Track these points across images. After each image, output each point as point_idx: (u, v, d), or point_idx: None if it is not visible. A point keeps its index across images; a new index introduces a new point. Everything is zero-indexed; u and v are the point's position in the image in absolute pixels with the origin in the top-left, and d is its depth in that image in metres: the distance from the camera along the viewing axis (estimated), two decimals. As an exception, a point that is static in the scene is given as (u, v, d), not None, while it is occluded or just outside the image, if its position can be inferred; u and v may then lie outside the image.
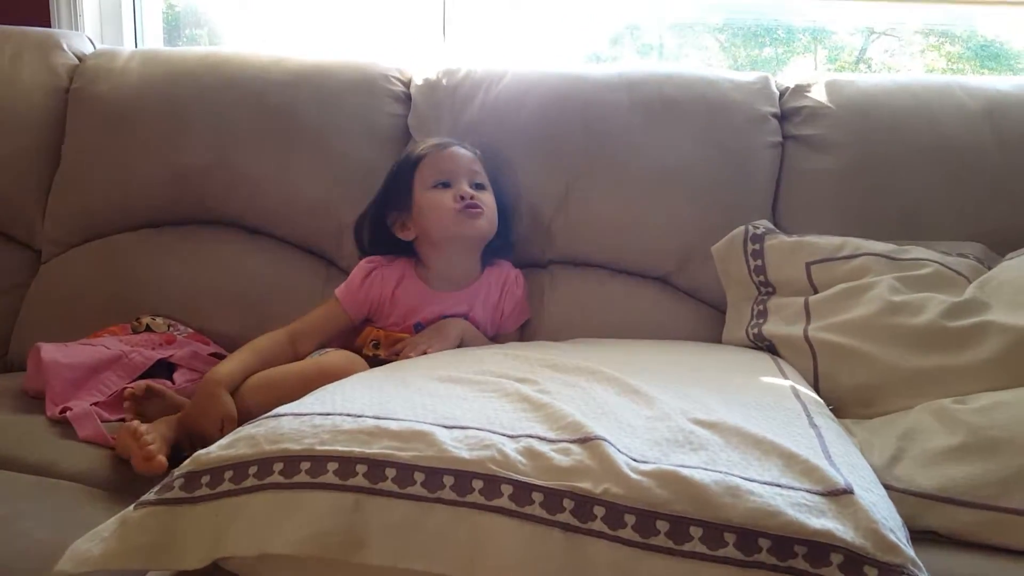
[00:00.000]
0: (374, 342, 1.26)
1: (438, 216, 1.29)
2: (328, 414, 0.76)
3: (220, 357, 1.34)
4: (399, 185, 1.33)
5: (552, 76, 1.48)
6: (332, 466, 0.69)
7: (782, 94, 1.48)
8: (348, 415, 0.75)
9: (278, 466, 0.70)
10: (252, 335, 1.22)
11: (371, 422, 0.74)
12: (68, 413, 1.11)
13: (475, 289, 1.33)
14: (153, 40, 2.02)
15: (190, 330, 1.39)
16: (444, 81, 1.52)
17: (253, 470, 0.71)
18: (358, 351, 1.23)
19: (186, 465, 0.73)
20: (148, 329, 1.37)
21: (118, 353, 1.24)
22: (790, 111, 1.45)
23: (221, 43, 2.17)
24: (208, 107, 1.50)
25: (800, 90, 1.46)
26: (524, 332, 1.40)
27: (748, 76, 1.48)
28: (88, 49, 1.68)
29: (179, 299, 1.43)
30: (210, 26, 2.21)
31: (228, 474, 0.71)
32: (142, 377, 1.21)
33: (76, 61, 1.63)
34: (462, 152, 1.34)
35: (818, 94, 1.43)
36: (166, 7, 2.10)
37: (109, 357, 1.22)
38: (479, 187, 1.32)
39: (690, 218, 1.39)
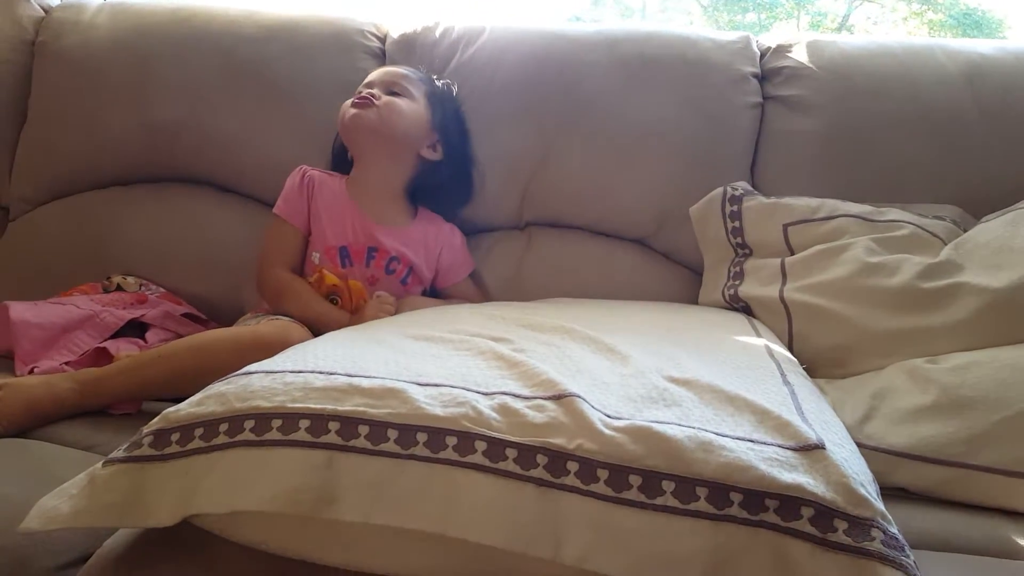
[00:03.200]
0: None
1: (338, 114, 1.31)
2: (300, 371, 0.74)
3: (192, 317, 1.32)
4: None
5: (531, 34, 1.45)
6: (304, 423, 0.69)
7: (763, 54, 1.46)
8: (320, 372, 0.74)
9: (249, 423, 0.69)
10: (224, 296, 1.20)
11: (343, 379, 0.73)
12: (37, 371, 1.09)
13: (407, 233, 1.32)
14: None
15: (162, 290, 1.37)
16: (421, 37, 1.49)
17: (224, 427, 0.70)
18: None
19: (155, 423, 0.72)
20: (119, 288, 1.35)
21: (89, 312, 1.22)
22: (771, 71, 1.43)
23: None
24: (178, 62, 1.47)
25: (781, 50, 1.44)
26: (480, 284, 1.40)
27: (729, 35, 1.46)
28: (54, 1, 1.62)
29: (150, 258, 1.40)
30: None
31: (198, 431, 0.70)
32: (114, 337, 1.20)
33: (42, 13, 1.58)
34: (394, 68, 1.36)
35: (799, 55, 1.42)
36: (135, -41, 2.03)
37: (80, 316, 1.21)
38: (394, 94, 1.31)
39: (669, 179, 1.38)
